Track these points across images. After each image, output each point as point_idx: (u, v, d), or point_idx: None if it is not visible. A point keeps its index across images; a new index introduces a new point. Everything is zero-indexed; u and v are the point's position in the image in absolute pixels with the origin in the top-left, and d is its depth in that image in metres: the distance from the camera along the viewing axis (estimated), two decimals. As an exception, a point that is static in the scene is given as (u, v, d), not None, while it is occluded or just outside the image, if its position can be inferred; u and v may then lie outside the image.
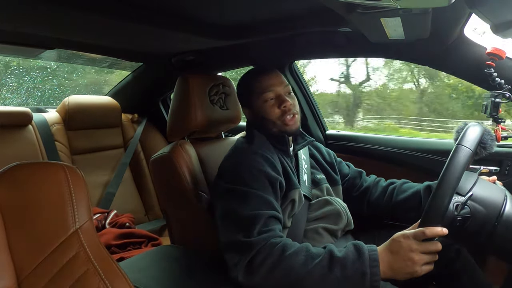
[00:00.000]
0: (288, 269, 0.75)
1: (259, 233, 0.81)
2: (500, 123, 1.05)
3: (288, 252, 0.77)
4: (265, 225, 0.83)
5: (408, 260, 0.73)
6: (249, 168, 0.93)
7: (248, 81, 1.09)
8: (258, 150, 0.99)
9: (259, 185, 0.90)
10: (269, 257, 0.77)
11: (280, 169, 0.98)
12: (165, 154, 1.12)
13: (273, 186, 0.93)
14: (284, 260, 0.76)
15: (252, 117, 1.10)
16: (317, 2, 0.79)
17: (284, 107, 1.02)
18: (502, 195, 0.82)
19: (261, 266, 0.77)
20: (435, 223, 0.75)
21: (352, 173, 1.24)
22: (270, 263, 0.76)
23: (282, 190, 0.96)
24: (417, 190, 1.11)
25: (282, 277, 0.76)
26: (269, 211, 0.86)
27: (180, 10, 1.11)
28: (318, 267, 0.74)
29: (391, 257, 0.74)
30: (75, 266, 0.59)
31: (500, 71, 1.06)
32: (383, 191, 1.17)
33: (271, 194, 0.91)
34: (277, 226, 0.86)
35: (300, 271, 0.75)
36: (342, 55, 1.45)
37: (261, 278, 0.77)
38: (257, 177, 0.92)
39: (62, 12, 0.98)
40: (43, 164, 0.64)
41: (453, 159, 0.76)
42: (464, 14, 0.99)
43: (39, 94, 2.46)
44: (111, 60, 1.87)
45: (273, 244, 0.78)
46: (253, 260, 0.78)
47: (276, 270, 0.76)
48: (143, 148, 2.05)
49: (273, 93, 1.04)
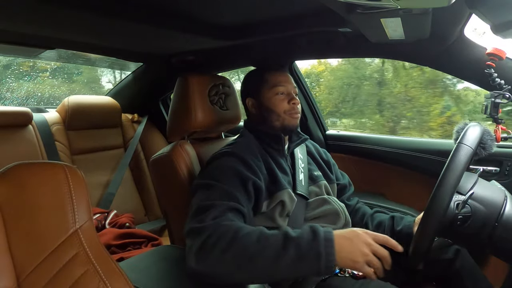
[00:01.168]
0: (241, 249, 0.73)
1: (213, 219, 0.79)
2: (500, 123, 1.05)
3: (241, 233, 0.75)
4: (221, 213, 0.81)
5: (358, 250, 0.74)
6: (221, 165, 0.96)
7: (262, 73, 1.13)
8: (236, 151, 0.99)
9: (227, 180, 0.90)
10: (222, 239, 0.74)
11: (261, 171, 0.98)
12: (165, 154, 1.12)
13: (244, 184, 0.91)
14: (236, 240, 0.74)
15: (256, 107, 1.12)
16: (317, 2, 0.79)
17: (293, 103, 1.07)
18: (502, 195, 0.83)
19: (213, 248, 0.73)
20: (436, 220, 0.75)
21: (343, 182, 1.24)
22: (223, 244, 0.73)
23: (259, 191, 0.95)
24: (384, 219, 1.13)
25: (235, 258, 0.73)
26: (230, 203, 0.84)
27: (180, 10, 1.11)
28: (272, 247, 0.73)
29: (344, 241, 0.75)
30: (75, 266, 0.59)
31: (500, 71, 1.06)
32: (360, 218, 1.18)
33: (239, 190, 0.89)
34: (237, 217, 0.83)
35: (253, 251, 0.72)
36: (342, 55, 1.45)
37: (213, 261, 0.73)
38: (226, 173, 0.92)
39: (62, 12, 0.98)
40: (43, 164, 0.64)
41: (454, 157, 0.76)
42: (464, 14, 0.99)
43: (39, 94, 2.46)
44: (111, 60, 1.87)
45: (226, 226, 0.76)
46: (205, 244, 0.74)
47: (229, 251, 0.73)
48: (143, 148, 2.05)
49: (285, 88, 1.08)
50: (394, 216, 1.11)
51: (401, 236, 1.04)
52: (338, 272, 0.95)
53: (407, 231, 1.03)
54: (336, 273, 0.95)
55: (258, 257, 0.73)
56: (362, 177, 1.64)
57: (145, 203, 1.99)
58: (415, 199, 1.50)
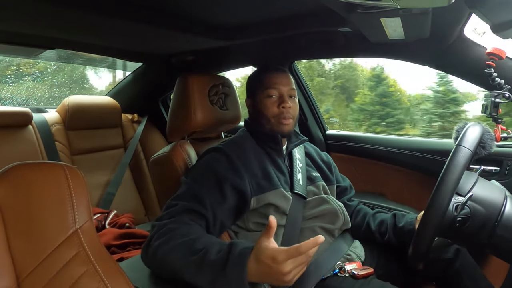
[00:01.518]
0: (167, 256, 0.77)
1: (168, 218, 0.84)
2: (500, 123, 1.05)
3: (174, 242, 0.77)
4: (178, 214, 0.85)
5: (278, 274, 0.67)
6: (203, 163, 0.99)
7: (259, 73, 1.13)
8: (224, 148, 1.00)
9: (202, 180, 0.93)
10: (157, 240, 0.79)
11: (248, 169, 0.98)
12: (165, 154, 1.12)
13: (220, 185, 0.92)
14: (169, 245, 0.77)
15: (252, 108, 1.12)
16: (317, 2, 0.79)
17: (283, 107, 1.04)
18: (502, 195, 0.83)
19: (152, 246, 0.79)
20: (435, 222, 0.75)
21: (344, 185, 1.24)
22: (155, 246, 0.78)
23: (240, 192, 0.94)
24: (385, 218, 1.12)
25: (162, 262, 0.78)
26: (192, 204, 0.87)
27: (180, 10, 1.11)
28: (191, 265, 0.74)
29: (260, 270, 0.68)
30: (75, 266, 0.59)
31: (500, 71, 1.06)
32: (361, 218, 1.17)
33: (212, 192, 0.91)
34: (195, 219, 0.85)
35: (176, 263, 0.75)
36: (342, 55, 1.45)
37: (149, 259, 0.81)
38: (205, 172, 0.96)
39: (62, 12, 0.98)
40: (43, 164, 0.64)
41: (453, 160, 0.76)
42: (464, 14, 0.99)
43: (39, 94, 2.46)
44: (111, 60, 1.87)
45: (168, 229, 0.80)
46: (150, 240, 0.81)
47: (158, 253, 0.78)
48: (143, 148, 2.05)
49: (277, 91, 1.06)
50: (395, 214, 1.11)
51: (403, 233, 1.04)
52: (338, 271, 0.95)
53: (409, 228, 1.03)
54: (335, 273, 0.95)
55: (179, 271, 0.75)
56: (362, 177, 1.64)
57: (145, 203, 1.99)
58: (415, 199, 1.50)
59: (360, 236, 1.14)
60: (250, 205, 0.96)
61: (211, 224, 0.89)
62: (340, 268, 0.95)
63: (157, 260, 0.79)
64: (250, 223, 0.98)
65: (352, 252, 1.03)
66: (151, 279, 0.84)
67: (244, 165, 0.98)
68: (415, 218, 1.05)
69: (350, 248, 1.04)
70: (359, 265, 0.98)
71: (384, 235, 1.09)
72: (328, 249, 0.99)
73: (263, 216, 0.98)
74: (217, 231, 0.91)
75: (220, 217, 0.91)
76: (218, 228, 0.92)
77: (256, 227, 0.99)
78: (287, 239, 0.96)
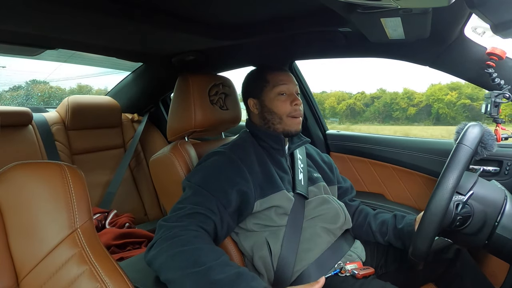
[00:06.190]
0: (169, 262, 0.75)
1: (175, 221, 0.82)
2: (500, 123, 1.05)
3: (177, 249, 0.75)
4: (186, 217, 0.83)
5: None
6: (208, 166, 0.97)
7: (263, 72, 1.11)
8: (228, 152, 1.00)
9: (207, 184, 0.91)
10: (164, 243, 0.78)
11: (252, 172, 0.98)
12: (165, 154, 1.12)
13: (225, 189, 0.91)
14: (172, 251, 0.75)
15: (257, 108, 1.10)
16: (317, 2, 0.79)
17: (296, 104, 1.05)
18: (502, 195, 0.83)
19: (156, 248, 0.78)
20: (436, 221, 0.75)
21: (345, 186, 1.24)
22: (163, 249, 0.77)
23: (244, 195, 0.94)
24: (386, 218, 1.13)
25: (161, 268, 0.76)
26: (199, 208, 0.86)
27: (180, 10, 1.11)
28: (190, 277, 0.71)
29: None
30: (74, 266, 0.59)
31: (500, 71, 1.06)
32: (363, 218, 1.17)
33: (218, 196, 0.90)
34: (202, 223, 0.84)
35: (175, 274, 0.73)
36: (342, 55, 1.45)
37: (151, 257, 0.79)
38: (209, 176, 0.94)
39: (62, 12, 0.97)
40: (43, 164, 0.64)
41: (454, 158, 0.76)
42: (464, 14, 0.99)
43: (39, 94, 2.46)
44: (111, 60, 1.86)
45: (173, 235, 0.78)
46: (156, 241, 0.80)
47: (160, 258, 0.76)
48: (143, 148, 2.05)
49: (287, 88, 1.06)
50: (396, 214, 1.11)
51: (402, 234, 1.04)
52: (338, 271, 0.95)
53: (408, 229, 1.03)
54: (336, 273, 0.95)
55: (177, 281, 0.73)
56: (362, 177, 1.65)
57: (145, 203, 1.99)
58: (415, 199, 1.50)
59: (361, 236, 1.14)
60: (253, 208, 0.96)
61: (219, 228, 0.88)
62: (341, 268, 0.96)
63: (156, 261, 0.78)
64: (251, 224, 0.98)
65: (353, 252, 1.03)
66: (151, 279, 0.84)
67: (248, 169, 0.98)
68: (414, 219, 1.05)
69: (351, 248, 1.04)
70: (359, 265, 0.98)
71: (385, 236, 1.09)
72: (329, 249, 0.99)
73: (264, 217, 0.98)
74: (224, 234, 0.91)
75: (227, 220, 0.91)
76: (225, 231, 0.91)
77: (257, 227, 0.99)
78: (289, 239, 0.96)
